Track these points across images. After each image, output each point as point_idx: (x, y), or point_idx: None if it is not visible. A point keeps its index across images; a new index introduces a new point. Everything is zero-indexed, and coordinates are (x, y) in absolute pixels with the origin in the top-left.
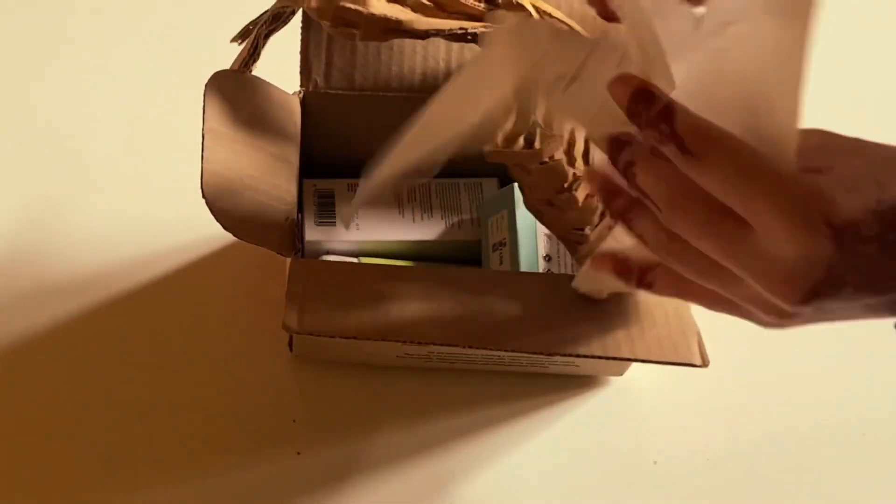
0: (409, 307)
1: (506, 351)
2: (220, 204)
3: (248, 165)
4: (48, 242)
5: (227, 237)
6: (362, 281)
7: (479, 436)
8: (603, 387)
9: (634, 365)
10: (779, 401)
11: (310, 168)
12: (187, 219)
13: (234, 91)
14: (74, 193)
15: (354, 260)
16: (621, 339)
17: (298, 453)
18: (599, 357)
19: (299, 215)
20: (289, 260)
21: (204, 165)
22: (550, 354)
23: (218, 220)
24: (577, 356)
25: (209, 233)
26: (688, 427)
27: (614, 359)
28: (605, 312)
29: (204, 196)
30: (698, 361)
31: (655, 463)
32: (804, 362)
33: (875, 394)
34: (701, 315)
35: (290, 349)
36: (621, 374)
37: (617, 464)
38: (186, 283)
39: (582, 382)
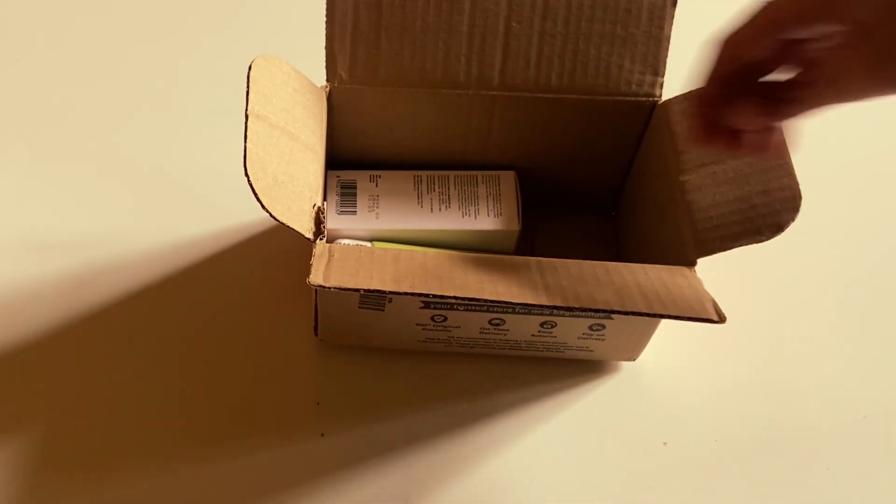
0: (430, 275)
1: (527, 304)
2: (261, 184)
3: (284, 152)
4: (92, 232)
5: (255, 228)
6: (385, 255)
7: (495, 419)
8: (615, 372)
9: (645, 352)
10: (784, 385)
11: (332, 160)
12: (218, 209)
13: (274, 77)
14: (112, 185)
15: (369, 244)
16: (637, 299)
17: (322, 434)
18: (618, 312)
19: (323, 203)
20: (315, 243)
21: (247, 146)
22: (569, 309)
23: (258, 199)
24: (597, 311)
25: (238, 223)
26: (697, 409)
27: (632, 313)
28: (621, 281)
29: (246, 174)
30: (715, 317)
31: (665, 444)
32: (808, 348)
33: (875, 378)
34: None
35: (316, 334)
36: (634, 360)
37: (628, 445)
38: (218, 270)
39: (595, 367)
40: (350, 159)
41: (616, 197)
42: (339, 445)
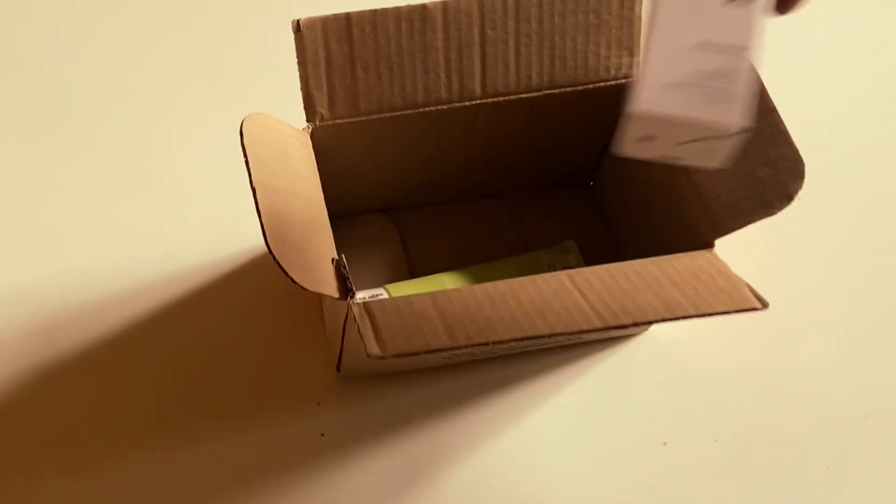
0: (478, 317)
1: (583, 331)
2: (286, 260)
3: (295, 214)
4: (129, 256)
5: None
6: (423, 304)
7: (496, 408)
8: (614, 362)
9: (643, 351)
10: (783, 384)
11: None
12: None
13: (264, 137)
14: (146, 208)
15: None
16: (681, 300)
17: (322, 435)
18: (668, 320)
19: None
20: (350, 304)
21: (263, 221)
22: (624, 327)
23: (287, 275)
24: (647, 323)
25: (243, 231)
26: (696, 409)
27: (682, 318)
28: (655, 281)
29: (270, 252)
30: (758, 305)
31: (665, 444)
32: (808, 347)
33: (872, 380)
34: None
35: (338, 370)
36: (647, 329)
37: (628, 445)
38: (225, 280)
39: (594, 351)
40: (339, 194)
41: (593, 169)
42: (338, 445)
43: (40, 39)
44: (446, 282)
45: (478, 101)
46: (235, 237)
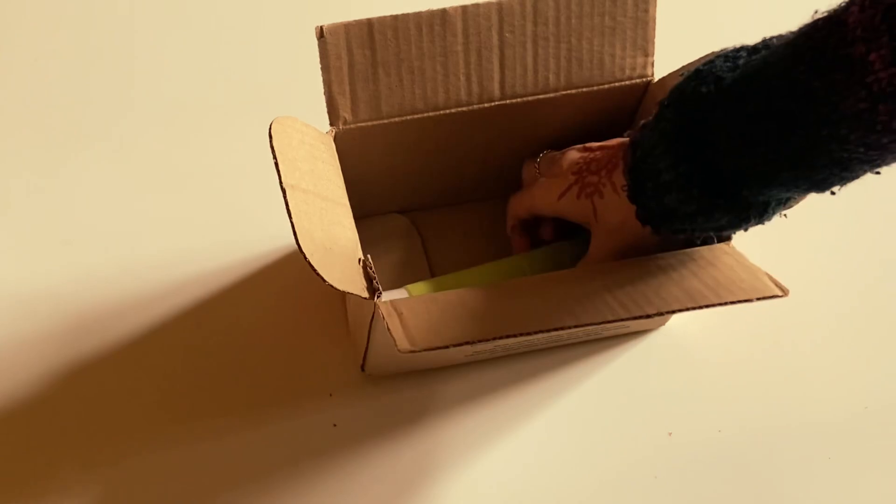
0: (504, 312)
1: (609, 322)
2: (315, 257)
3: (322, 216)
4: (160, 255)
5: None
6: (449, 300)
7: (501, 404)
8: (622, 357)
9: (646, 347)
10: (786, 375)
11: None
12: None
13: (292, 140)
14: (177, 209)
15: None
16: (703, 290)
17: (335, 425)
18: (691, 308)
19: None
20: (377, 303)
21: (294, 221)
22: (648, 317)
23: (317, 273)
24: (671, 312)
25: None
26: (700, 400)
27: (706, 307)
28: (676, 273)
29: (302, 252)
30: (779, 292)
31: (670, 434)
32: (811, 339)
33: (875, 372)
34: None
35: (363, 370)
36: (664, 324)
37: (633, 435)
38: (252, 278)
39: (604, 348)
40: (361, 195)
41: None
42: (350, 436)
43: (85, 48)
44: (466, 280)
45: (497, 103)
46: (263, 237)
